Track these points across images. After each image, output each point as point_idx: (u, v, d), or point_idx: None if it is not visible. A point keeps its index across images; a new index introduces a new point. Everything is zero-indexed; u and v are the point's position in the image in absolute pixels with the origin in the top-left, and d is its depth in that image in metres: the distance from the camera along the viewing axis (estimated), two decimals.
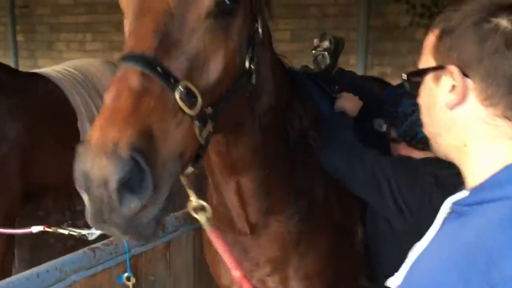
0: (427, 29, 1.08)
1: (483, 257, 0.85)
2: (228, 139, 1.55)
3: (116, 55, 6.09)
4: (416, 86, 1.07)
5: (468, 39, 0.94)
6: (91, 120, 3.39)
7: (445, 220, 1.06)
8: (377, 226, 1.86)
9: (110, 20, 6.15)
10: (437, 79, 1.00)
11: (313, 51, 2.21)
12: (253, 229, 1.82)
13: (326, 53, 2.10)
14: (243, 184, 1.70)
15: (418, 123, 1.80)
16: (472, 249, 0.88)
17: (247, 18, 1.29)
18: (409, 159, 1.86)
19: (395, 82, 2.79)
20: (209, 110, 1.13)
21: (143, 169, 0.96)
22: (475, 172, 0.98)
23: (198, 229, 2.36)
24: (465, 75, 0.94)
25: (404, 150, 1.91)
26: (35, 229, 1.93)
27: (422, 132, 1.81)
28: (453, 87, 0.95)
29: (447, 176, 1.74)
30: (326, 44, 2.18)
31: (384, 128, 1.98)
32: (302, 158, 1.82)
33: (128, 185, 0.95)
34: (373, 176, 1.76)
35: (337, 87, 2.16)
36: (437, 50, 1.01)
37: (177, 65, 1.06)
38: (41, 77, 3.25)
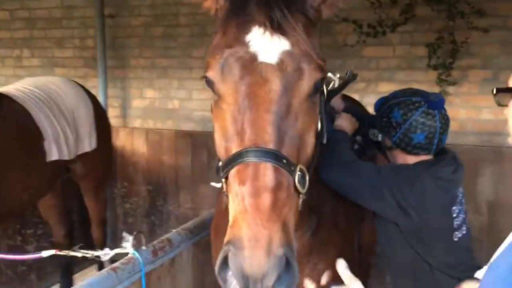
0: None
1: None
2: None
3: (58, 71, 5.87)
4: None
5: None
6: (56, 140, 3.29)
7: None
8: (387, 230, 2.02)
9: (49, 36, 5.93)
10: None
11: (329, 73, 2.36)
12: None
13: (337, 79, 2.24)
14: None
15: (411, 130, 2.01)
16: None
17: None
18: (405, 164, 2.04)
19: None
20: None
21: (291, 264, 1.05)
22: None
23: (196, 244, 2.41)
24: None
25: (400, 156, 2.10)
26: (46, 253, 1.88)
27: (417, 138, 2.01)
28: None
29: (446, 173, 1.95)
30: (341, 74, 2.33)
31: (380, 137, 2.15)
32: (313, 178, 1.93)
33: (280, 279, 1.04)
34: (374, 185, 1.92)
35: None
36: None
37: (291, 151, 1.15)
38: (4, 96, 3.11)
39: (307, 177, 1.18)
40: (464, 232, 2.00)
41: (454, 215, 1.96)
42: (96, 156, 3.70)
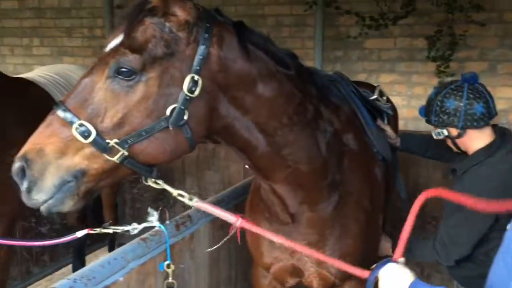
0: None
1: None
2: (250, 153, 1.84)
3: (66, 60, 6.02)
4: None
5: None
6: None
7: None
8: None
9: (58, 25, 6.07)
10: None
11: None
12: (293, 218, 2.11)
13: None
14: (276, 187, 2.00)
15: (470, 106, 2.24)
16: None
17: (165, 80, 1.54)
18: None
19: None
20: (113, 142, 1.50)
21: (24, 169, 1.50)
22: None
23: (212, 221, 2.59)
24: None
25: (471, 136, 2.31)
26: (80, 233, 2.01)
27: (478, 110, 2.25)
28: None
29: None
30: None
31: (445, 132, 2.36)
32: (335, 158, 2.07)
33: (18, 176, 1.51)
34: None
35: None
36: None
37: (79, 111, 1.49)
38: (30, 83, 3.26)
39: (93, 133, 1.48)
40: None
41: None
42: None
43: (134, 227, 2.02)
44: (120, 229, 2.01)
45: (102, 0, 5.53)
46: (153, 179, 1.72)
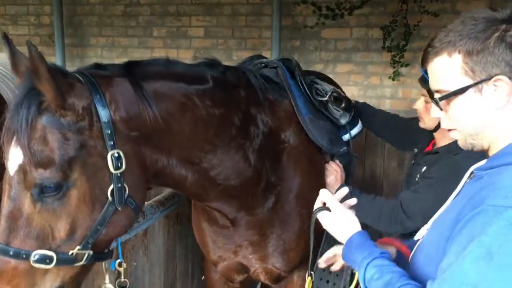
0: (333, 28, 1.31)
1: (478, 197, 1.13)
2: (182, 185, 1.76)
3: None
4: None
5: (501, 51, 1.16)
6: None
7: (465, 184, 1.33)
8: None
9: (2, 12, 5.76)
10: (479, 90, 1.18)
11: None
12: (233, 222, 2.09)
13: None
14: (210, 204, 1.98)
15: None
16: (473, 197, 1.14)
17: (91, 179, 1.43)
18: None
19: None
20: (75, 250, 1.42)
21: None
22: (498, 148, 1.21)
23: (168, 217, 2.51)
24: (509, 78, 1.16)
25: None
26: None
27: None
28: (497, 90, 1.16)
29: None
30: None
31: None
32: (270, 160, 2.01)
33: None
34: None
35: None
36: (471, 69, 1.18)
37: (26, 243, 1.37)
38: None
39: (54, 257, 1.39)
40: None
41: None
42: None
43: None
44: None
45: None
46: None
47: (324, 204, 1.52)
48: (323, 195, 1.53)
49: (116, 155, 1.43)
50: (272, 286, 2.41)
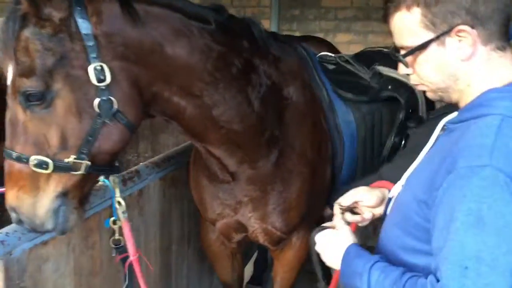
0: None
1: (450, 157, 1.10)
2: (181, 118, 1.78)
3: None
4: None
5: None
6: None
7: (438, 137, 1.31)
8: None
9: None
10: (442, 43, 1.16)
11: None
12: (233, 176, 2.07)
13: None
14: (211, 149, 1.95)
15: None
16: (446, 156, 1.11)
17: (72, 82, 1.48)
18: None
19: None
20: (71, 159, 1.50)
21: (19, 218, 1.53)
22: (467, 100, 1.19)
23: (162, 178, 2.49)
24: (471, 27, 1.13)
25: None
26: None
27: None
28: (462, 41, 1.14)
29: None
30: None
31: None
32: (273, 113, 2.00)
33: (21, 224, 1.54)
34: None
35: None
36: (431, 22, 1.15)
37: (25, 148, 1.48)
38: None
39: (50, 162, 1.48)
40: None
41: None
42: None
43: None
44: None
45: None
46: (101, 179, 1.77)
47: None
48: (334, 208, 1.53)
49: (98, 68, 1.46)
50: (271, 248, 2.40)
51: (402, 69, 1.28)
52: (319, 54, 2.57)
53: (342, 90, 2.33)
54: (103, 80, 1.47)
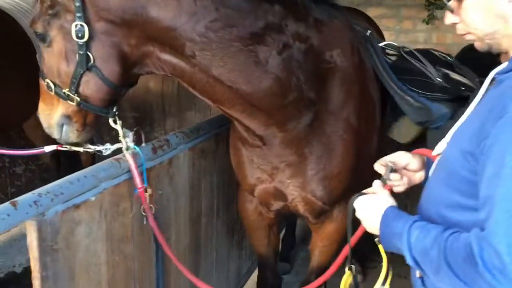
0: None
1: (500, 104, 1.06)
2: (181, 76, 1.83)
3: None
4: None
5: None
6: None
7: (487, 90, 1.24)
8: None
9: None
10: None
11: None
12: (263, 140, 2.00)
13: None
14: (228, 111, 1.92)
15: None
16: (495, 105, 1.07)
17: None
18: None
19: None
20: (65, 90, 1.80)
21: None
22: None
23: (192, 148, 2.46)
24: None
25: None
26: (48, 148, 1.89)
27: None
28: None
29: None
30: None
31: None
32: (306, 75, 1.91)
33: None
34: None
35: None
36: None
37: (45, 72, 1.85)
38: None
39: (53, 87, 1.82)
40: None
41: None
42: None
43: (107, 147, 1.92)
44: (92, 148, 1.93)
45: None
46: (111, 118, 1.93)
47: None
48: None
49: (79, 26, 1.68)
50: (311, 222, 2.32)
51: (449, 18, 1.25)
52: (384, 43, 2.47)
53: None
54: (81, 38, 1.69)
